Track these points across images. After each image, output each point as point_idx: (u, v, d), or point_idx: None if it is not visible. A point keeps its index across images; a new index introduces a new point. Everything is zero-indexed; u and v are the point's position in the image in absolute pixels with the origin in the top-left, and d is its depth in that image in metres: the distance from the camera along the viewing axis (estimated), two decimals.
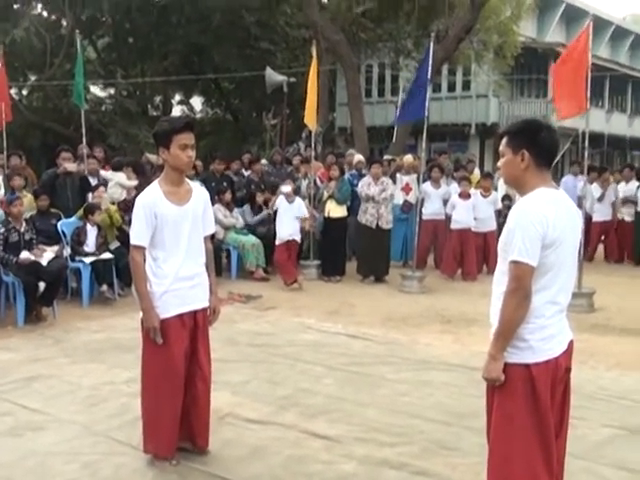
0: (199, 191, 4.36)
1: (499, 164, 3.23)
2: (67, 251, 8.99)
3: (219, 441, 4.55)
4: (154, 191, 4.16)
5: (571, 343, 3.19)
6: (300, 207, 10.65)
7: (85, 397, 5.49)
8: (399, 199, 12.17)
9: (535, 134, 3.09)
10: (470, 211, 11.37)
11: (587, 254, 12.39)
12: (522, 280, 2.97)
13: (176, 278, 4.13)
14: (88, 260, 8.94)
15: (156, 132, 4.21)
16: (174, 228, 4.13)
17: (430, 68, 10.44)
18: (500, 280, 3.11)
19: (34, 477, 4.11)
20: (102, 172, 10.76)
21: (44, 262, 8.04)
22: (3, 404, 5.30)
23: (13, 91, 23.33)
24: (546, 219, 2.96)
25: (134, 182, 10.55)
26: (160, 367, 4.14)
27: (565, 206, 3.11)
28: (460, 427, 4.89)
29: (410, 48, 23.02)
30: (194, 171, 11.69)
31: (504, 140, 3.18)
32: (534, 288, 3.00)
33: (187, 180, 4.32)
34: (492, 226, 11.55)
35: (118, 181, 10.50)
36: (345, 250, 11.72)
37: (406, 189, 12.37)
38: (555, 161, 3.17)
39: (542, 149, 3.09)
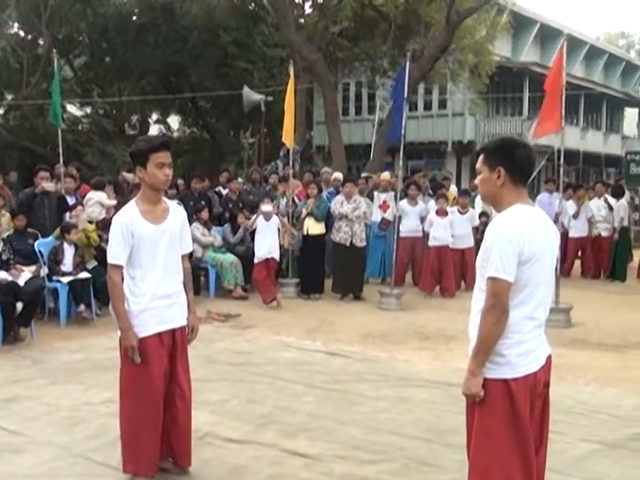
0: (176, 210, 4.36)
1: (476, 181, 3.27)
2: (44, 271, 8.92)
3: (198, 461, 4.52)
4: (131, 210, 4.16)
5: (549, 358, 3.22)
6: (276, 222, 10.68)
7: (64, 418, 5.44)
8: (377, 217, 12.22)
9: (511, 152, 3.13)
10: (447, 228, 11.44)
11: (564, 270, 12.51)
12: (499, 296, 3.00)
13: (153, 297, 4.12)
14: (65, 280, 8.88)
15: (133, 151, 4.21)
16: (151, 247, 4.13)
17: (406, 87, 10.53)
18: (478, 297, 3.14)
19: None
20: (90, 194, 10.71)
21: (21, 282, 7.97)
22: None
23: None
24: (522, 235, 2.99)
25: (113, 201, 10.52)
26: (139, 386, 4.12)
27: (542, 222, 3.15)
28: (439, 444, 4.90)
29: (386, 67, 23.22)
30: (175, 190, 11.70)
31: (481, 157, 3.22)
32: (512, 304, 3.03)
33: (164, 199, 4.32)
34: (470, 243, 11.63)
35: (98, 200, 10.46)
36: (324, 267, 11.73)
37: (384, 207, 12.42)
38: (531, 178, 3.21)
39: (518, 166, 3.13)
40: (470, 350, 3.13)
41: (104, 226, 9.49)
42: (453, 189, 14.61)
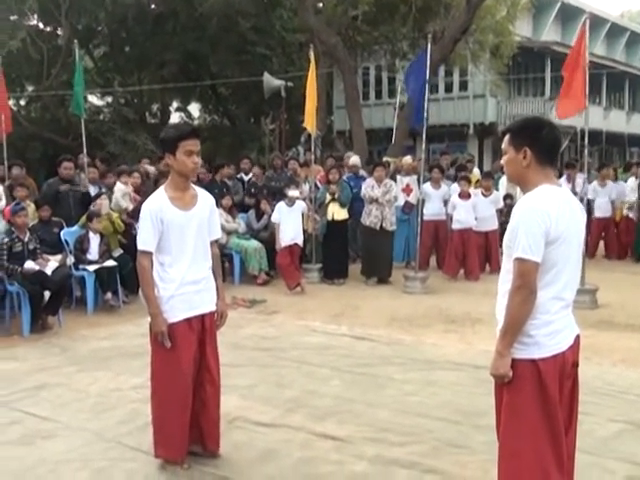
0: (205, 196, 4.39)
1: (502, 162, 3.25)
2: (70, 260, 9.01)
3: (229, 444, 4.57)
4: (160, 197, 4.19)
5: (578, 338, 3.22)
6: (301, 207, 10.69)
7: (94, 404, 5.51)
8: (400, 200, 12.20)
9: (537, 131, 3.12)
10: (470, 211, 11.39)
11: (588, 251, 12.41)
12: (527, 277, 2.99)
13: (182, 282, 4.16)
14: (92, 268, 8.97)
15: (163, 138, 4.24)
16: (180, 233, 4.16)
17: (427, 70, 10.46)
18: (505, 278, 3.13)
19: None
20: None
21: (48, 271, 8.06)
22: (12, 413, 5.32)
23: (11, 102, 23.35)
24: (549, 215, 2.98)
25: (130, 188, 10.56)
26: (169, 371, 4.17)
27: (568, 202, 3.13)
28: (468, 425, 4.91)
29: (406, 50, 23.08)
30: (196, 178, 11.73)
31: (506, 138, 3.20)
32: (539, 284, 3.02)
33: (193, 185, 4.35)
34: (494, 225, 11.58)
35: (121, 188, 10.52)
36: (348, 252, 11.75)
37: (407, 190, 12.41)
38: None
39: (544, 146, 3.12)
40: (498, 331, 3.13)
41: (134, 214, 9.53)
42: (476, 172, 14.52)
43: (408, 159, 13.29)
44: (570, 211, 3.10)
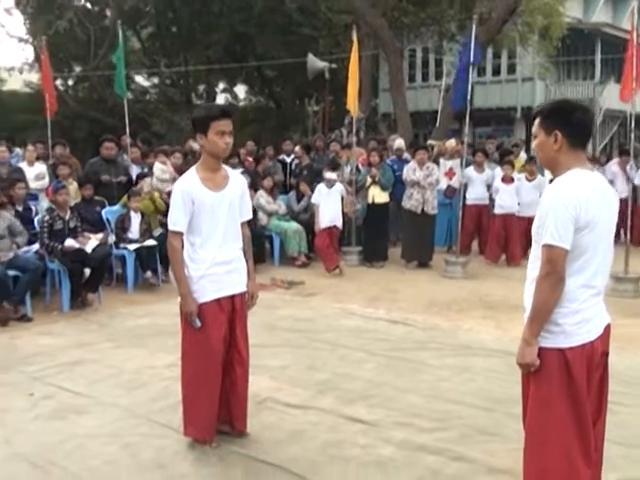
0: (236, 177, 4.38)
1: (533, 146, 3.17)
2: (112, 238, 9.12)
3: (258, 425, 4.59)
4: (191, 177, 4.19)
5: (608, 327, 3.12)
6: (340, 190, 10.65)
7: (128, 381, 5.58)
8: (442, 184, 12.06)
9: (568, 114, 3.03)
10: (513, 196, 11.20)
11: (634, 238, 12.12)
12: (555, 264, 2.91)
13: (213, 263, 4.16)
14: (132, 247, 9.07)
15: (194, 118, 4.23)
16: (211, 214, 4.15)
17: (472, 52, 10.29)
18: (534, 264, 3.06)
19: (74, 458, 4.18)
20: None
21: (89, 249, 8.17)
22: (47, 387, 5.40)
23: (58, 82, 23.69)
24: (578, 201, 2.89)
25: (170, 167, 10.64)
26: (199, 351, 4.18)
27: (599, 187, 3.03)
28: (501, 413, 4.84)
29: (454, 31, 22.69)
30: (237, 159, 11.76)
31: (537, 121, 3.12)
32: (568, 271, 2.94)
33: (224, 167, 4.33)
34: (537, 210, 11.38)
35: (159, 167, 10.61)
36: (388, 236, 11.68)
37: (449, 174, 12.27)
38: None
39: (575, 129, 3.02)
40: (525, 319, 3.06)
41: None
42: (522, 156, 14.27)
43: (452, 142, 13.11)
44: (602, 197, 3.00)
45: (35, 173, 10.19)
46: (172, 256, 4.19)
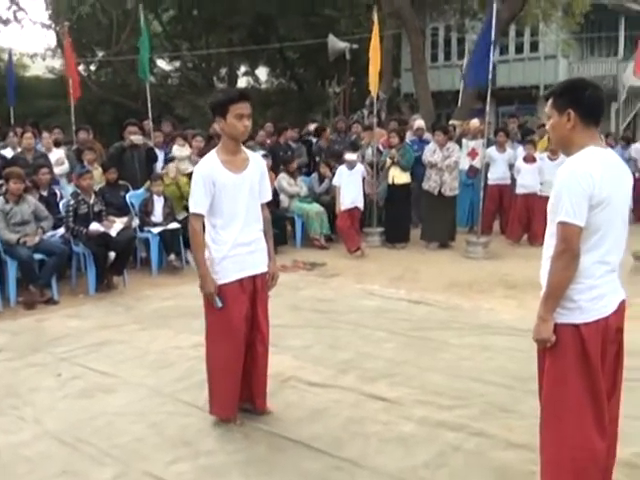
0: (256, 159, 4.44)
1: (547, 127, 3.19)
2: (136, 222, 9.24)
3: (281, 403, 4.68)
4: (212, 160, 4.25)
5: (623, 303, 3.15)
6: (361, 171, 10.68)
7: (153, 361, 5.69)
8: (465, 164, 12.04)
9: (580, 92, 3.04)
10: (536, 175, 11.15)
11: None
12: (570, 241, 2.94)
13: (234, 244, 4.23)
14: (156, 230, 9.18)
15: (213, 102, 4.30)
16: (232, 196, 4.21)
17: (494, 29, 10.23)
18: (549, 242, 3.10)
19: (102, 436, 4.29)
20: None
21: (113, 233, 8.28)
22: (74, 368, 5.53)
23: (81, 67, 23.81)
24: (592, 178, 2.91)
25: (188, 151, 10.75)
26: (222, 330, 4.27)
27: (614, 164, 3.05)
28: (521, 390, 4.89)
29: (476, 9, 22.50)
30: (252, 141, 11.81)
31: (549, 102, 3.14)
32: (583, 248, 2.97)
33: (244, 149, 4.39)
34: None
35: (178, 150, 10.72)
36: (410, 217, 11.70)
37: (472, 154, 12.23)
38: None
39: (588, 107, 3.04)
40: (541, 296, 3.10)
41: None
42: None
43: (475, 122, 13.03)
44: (616, 173, 3.03)
45: (55, 159, 10.20)
46: (192, 238, 4.28)
